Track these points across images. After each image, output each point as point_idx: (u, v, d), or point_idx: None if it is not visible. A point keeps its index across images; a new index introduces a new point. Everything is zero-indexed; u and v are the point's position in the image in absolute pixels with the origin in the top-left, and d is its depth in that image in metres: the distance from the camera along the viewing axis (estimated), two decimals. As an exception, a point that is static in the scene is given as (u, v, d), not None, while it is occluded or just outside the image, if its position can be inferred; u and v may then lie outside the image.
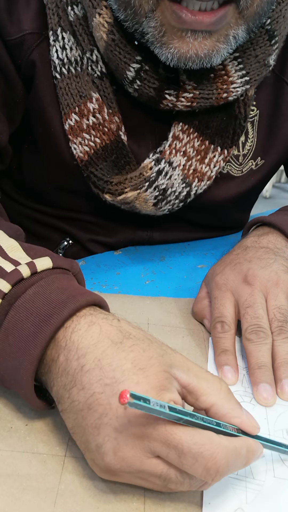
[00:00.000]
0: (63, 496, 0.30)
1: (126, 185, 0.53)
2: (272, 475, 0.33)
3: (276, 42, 0.51)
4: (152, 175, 0.52)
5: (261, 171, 0.62)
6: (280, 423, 0.37)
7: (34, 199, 0.63)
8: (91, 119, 0.52)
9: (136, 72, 0.48)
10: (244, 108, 0.54)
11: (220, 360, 0.42)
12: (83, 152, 0.53)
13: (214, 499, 0.31)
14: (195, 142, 0.53)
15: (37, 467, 0.32)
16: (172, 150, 0.53)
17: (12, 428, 0.34)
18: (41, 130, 0.56)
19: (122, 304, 0.50)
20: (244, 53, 0.50)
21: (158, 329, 0.47)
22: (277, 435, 0.35)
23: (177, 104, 0.50)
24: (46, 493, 0.30)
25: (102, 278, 0.56)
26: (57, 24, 0.50)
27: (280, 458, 0.34)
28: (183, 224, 0.65)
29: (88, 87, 0.52)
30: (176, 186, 0.54)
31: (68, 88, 0.51)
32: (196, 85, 0.49)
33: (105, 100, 0.52)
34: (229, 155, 0.56)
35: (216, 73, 0.49)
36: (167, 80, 0.49)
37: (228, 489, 0.32)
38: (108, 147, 0.53)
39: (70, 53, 0.51)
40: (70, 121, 0.52)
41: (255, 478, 0.33)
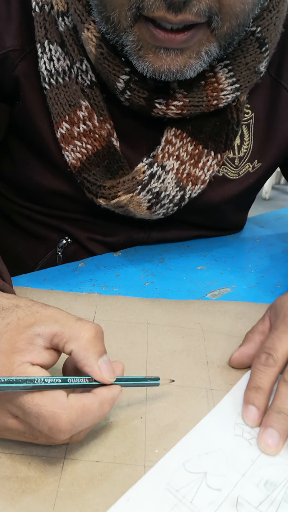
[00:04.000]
0: (62, 498, 0.30)
1: (119, 188, 0.53)
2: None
3: (267, 50, 0.52)
4: (145, 178, 0.53)
5: (258, 173, 0.62)
6: (264, 472, 0.33)
7: (32, 201, 0.63)
8: (82, 127, 0.53)
9: (126, 83, 0.49)
10: (237, 113, 0.54)
11: (249, 396, 0.37)
12: (75, 159, 0.54)
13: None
14: (188, 147, 0.54)
15: (36, 470, 0.31)
16: (165, 154, 0.54)
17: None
18: (32, 140, 0.57)
19: (121, 305, 0.50)
20: (235, 61, 0.50)
21: (157, 329, 0.46)
22: (253, 480, 0.32)
23: (168, 112, 0.50)
24: (45, 495, 0.30)
25: (101, 280, 0.56)
26: (44, 37, 0.52)
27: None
28: (180, 224, 0.65)
29: (77, 96, 0.53)
30: (169, 190, 0.54)
31: (57, 98, 0.53)
32: (187, 92, 0.50)
33: (96, 108, 0.53)
34: (223, 159, 0.56)
35: (206, 81, 0.50)
36: (156, 89, 0.50)
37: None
38: (100, 153, 0.54)
39: (57, 63, 0.52)
40: (61, 130, 0.53)
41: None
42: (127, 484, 0.31)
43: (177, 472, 0.32)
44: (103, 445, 0.34)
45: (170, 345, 0.45)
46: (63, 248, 0.64)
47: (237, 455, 0.34)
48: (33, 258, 0.66)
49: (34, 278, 0.55)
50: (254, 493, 0.31)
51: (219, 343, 0.45)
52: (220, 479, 0.32)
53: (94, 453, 0.33)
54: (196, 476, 0.32)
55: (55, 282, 0.54)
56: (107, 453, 0.33)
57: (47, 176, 0.59)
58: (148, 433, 0.35)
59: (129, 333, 0.45)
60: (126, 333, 0.45)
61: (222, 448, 0.34)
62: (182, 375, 0.41)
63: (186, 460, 0.33)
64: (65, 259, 0.65)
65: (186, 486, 0.31)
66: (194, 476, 0.32)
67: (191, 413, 0.37)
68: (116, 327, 0.46)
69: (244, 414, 0.37)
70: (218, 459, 0.33)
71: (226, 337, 0.46)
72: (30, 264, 0.66)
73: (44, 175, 0.59)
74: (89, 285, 0.54)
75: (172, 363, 0.42)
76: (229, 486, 0.31)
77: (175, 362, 0.42)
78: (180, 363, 0.42)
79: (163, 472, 0.32)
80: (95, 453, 0.33)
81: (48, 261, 0.66)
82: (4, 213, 0.68)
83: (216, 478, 0.32)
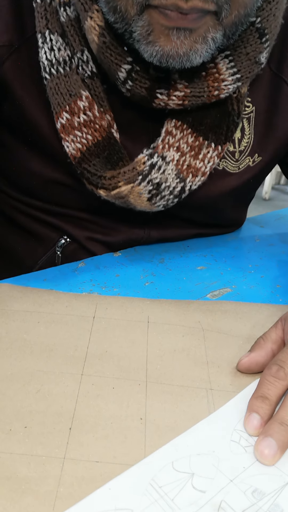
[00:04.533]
0: (62, 499, 0.30)
1: (120, 179, 0.53)
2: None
3: (267, 40, 0.52)
4: (145, 169, 0.53)
5: (258, 167, 0.62)
6: (254, 480, 0.32)
7: (30, 195, 0.63)
8: (82, 117, 0.53)
9: (128, 73, 0.49)
10: (238, 105, 0.54)
11: (253, 404, 0.36)
12: (75, 149, 0.54)
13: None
14: (188, 138, 0.54)
15: (36, 470, 0.31)
16: (165, 145, 0.54)
17: (11, 430, 0.34)
18: (29, 133, 0.57)
19: (122, 303, 0.50)
20: (235, 51, 0.51)
21: (158, 327, 0.46)
22: (241, 486, 0.32)
23: (169, 102, 0.51)
24: (45, 496, 0.30)
25: (101, 280, 0.56)
26: (45, 27, 0.52)
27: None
28: (180, 222, 0.65)
29: (77, 86, 0.53)
30: (170, 181, 0.54)
31: (58, 88, 0.53)
32: (187, 83, 0.50)
33: (96, 99, 0.53)
34: (223, 151, 0.56)
35: (207, 71, 0.50)
36: (158, 80, 0.50)
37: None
38: (100, 144, 0.54)
39: (58, 53, 0.52)
40: (61, 120, 0.53)
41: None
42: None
43: (164, 469, 0.32)
44: (103, 446, 0.34)
45: (170, 344, 0.45)
46: (62, 248, 0.64)
47: (229, 461, 0.33)
48: (33, 258, 0.66)
49: (34, 278, 0.55)
50: (239, 499, 0.30)
51: (219, 343, 0.45)
52: (207, 481, 0.31)
53: (94, 454, 0.33)
54: (182, 476, 0.32)
55: (55, 282, 0.54)
56: (107, 453, 0.33)
57: (45, 167, 0.59)
58: (148, 434, 0.35)
59: (129, 332, 0.45)
60: (127, 331, 0.45)
61: (215, 451, 0.34)
62: (182, 375, 0.41)
63: (176, 459, 0.33)
64: (64, 258, 0.65)
65: (170, 484, 0.31)
66: (180, 475, 0.32)
67: (190, 413, 0.37)
68: (116, 326, 0.46)
69: (246, 421, 0.36)
70: (209, 461, 0.33)
71: (226, 337, 0.46)
72: (30, 263, 0.66)
73: (42, 166, 0.59)
74: (89, 285, 0.54)
75: (172, 362, 0.42)
76: (214, 489, 0.31)
77: (175, 362, 0.42)
78: (180, 362, 0.42)
79: (150, 467, 0.32)
80: (95, 453, 0.33)
81: (47, 261, 0.66)
82: (3, 212, 0.68)
83: (203, 480, 0.32)
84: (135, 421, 0.36)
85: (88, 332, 0.45)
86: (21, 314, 0.47)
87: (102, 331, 0.45)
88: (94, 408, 0.37)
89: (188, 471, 0.32)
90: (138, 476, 0.31)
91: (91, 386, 0.39)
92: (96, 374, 0.40)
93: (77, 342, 0.44)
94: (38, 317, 0.47)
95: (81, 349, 0.43)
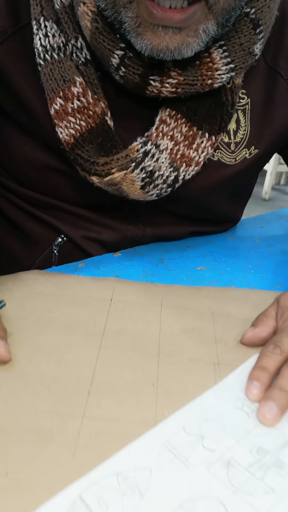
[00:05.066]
0: (81, 449, 0.33)
1: (113, 165, 0.53)
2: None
3: (261, 31, 0.52)
4: (139, 156, 0.53)
5: (254, 159, 0.63)
6: (258, 440, 0.35)
7: (24, 185, 0.63)
8: (76, 103, 0.53)
9: (121, 58, 0.50)
10: (231, 95, 0.55)
11: (254, 374, 0.40)
12: (69, 135, 0.54)
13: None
14: (182, 128, 0.55)
15: (58, 424, 0.35)
16: (159, 133, 0.54)
17: (36, 391, 0.38)
18: (23, 118, 0.58)
19: (137, 288, 0.53)
20: (229, 41, 0.51)
21: (170, 311, 0.50)
22: (246, 445, 0.35)
23: (162, 90, 0.51)
24: (66, 446, 0.33)
25: (101, 280, 0.57)
26: (39, 14, 0.53)
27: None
28: (174, 217, 0.65)
29: (71, 72, 0.53)
30: (163, 170, 0.55)
31: (52, 74, 0.53)
32: (181, 71, 0.50)
33: (90, 85, 0.54)
34: (217, 142, 0.57)
35: (201, 60, 0.51)
36: (151, 66, 0.50)
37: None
38: (94, 130, 0.54)
39: (52, 40, 0.53)
40: (55, 105, 0.54)
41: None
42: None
43: (177, 433, 0.35)
44: (118, 407, 0.37)
45: (182, 324, 0.48)
46: (58, 247, 0.65)
47: (234, 425, 0.36)
48: (30, 257, 0.67)
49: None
50: (246, 456, 0.34)
51: (227, 325, 0.48)
52: (216, 442, 0.35)
53: (110, 413, 0.36)
54: (193, 438, 0.35)
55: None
56: (122, 413, 0.37)
57: (39, 153, 0.59)
58: (159, 398, 0.38)
59: (144, 313, 0.49)
60: (141, 312, 0.49)
61: (221, 417, 0.37)
62: (192, 350, 0.44)
63: (186, 425, 0.36)
64: (61, 258, 0.65)
65: (183, 445, 0.34)
66: (191, 437, 0.35)
67: (198, 382, 0.40)
68: (132, 307, 0.50)
69: (248, 388, 0.39)
70: (216, 426, 0.36)
71: (235, 320, 0.49)
72: (27, 262, 0.67)
73: (36, 152, 0.59)
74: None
75: (183, 340, 0.46)
76: (223, 449, 0.34)
77: (186, 340, 0.46)
78: (191, 340, 0.46)
79: (163, 432, 0.35)
80: (110, 412, 0.36)
81: (44, 260, 0.66)
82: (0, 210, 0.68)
83: (212, 441, 0.35)
84: (148, 386, 0.39)
85: (106, 312, 0.49)
86: (45, 296, 0.51)
87: (119, 312, 0.49)
88: (111, 375, 0.40)
89: (198, 434, 0.35)
90: (153, 440, 0.34)
91: (108, 357, 0.42)
92: (112, 347, 0.44)
93: (96, 320, 0.47)
94: (61, 298, 0.50)
95: (100, 326, 0.46)
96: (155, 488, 0.31)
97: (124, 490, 0.30)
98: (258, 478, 0.32)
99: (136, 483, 0.31)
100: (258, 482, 0.32)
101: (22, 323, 0.46)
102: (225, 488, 0.31)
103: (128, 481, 0.31)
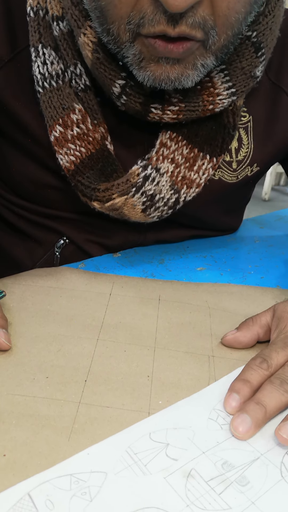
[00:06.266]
0: (76, 433, 0.35)
1: (114, 191, 0.53)
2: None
3: (263, 54, 0.52)
4: (139, 181, 0.53)
5: (254, 176, 0.63)
6: (225, 454, 0.34)
7: (27, 199, 0.64)
8: (75, 130, 0.54)
9: (122, 88, 0.50)
10: (233, 117, 0.55)
11: (235, 385, 0.38)
12: (69, 162, 0.55)
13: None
14: (183, 150, 0.54)
15: (54, 410, 0.36)
16: (160, 156, 0.54)
17: (34, 379, 0.39)
18: (26, 142, 0.58)
19: (136, 283, 0.54)
20: (231, 65, 0.51)
21: (168, 304, 0.51)
22: (212, 458, 0.34)
23: (164, 117, 0.51)
24: (62, 430, 0.35)
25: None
26: (38, 41, 0.53)
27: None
28: (175, 225, 0.66)
29: (70, 99, 0.53)
30: (164, 193, 0.54)
31: (51, 101, 0.53)
32: (182, 97, 0.50)
33: (89, 111, 0.54)
34: (218, 163, 0.57)
35: (202, 85, 0.51)
36: (152, 94, 0.50)
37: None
38: (94, 156, 0.55)
39: (51, 67, 0.53)
40: (55, 133, 0.54)
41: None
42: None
43: (141, 439, 0.34)
44: (114, 395, 0.38)
45: (178, 318, 0.49)
46: (61, 249, 0.65)
47: (204, 435, 0.35)
48: (32, 259, 0.67)
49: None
50: (209, 469, 0.33)
51: (223, 319, 0.50)
52: (180, 451, 0.34)
53: (106, 401, 0.38)
54: (157, 445, 0.34)
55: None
56: (117, 401, 0.38)
57: (40, 173, 0.60)
58: (153, 388, 0.39)
59: (141, 307, 0.50)
60: (139, 306, 0.50)
61: (192, 427, 0.36)
62: (188, 343, 0.45)
63: (153, 431, 0.35)
64: (63, 259, 0.66)
65: (145, 451, 0.33)
66: (156, 444, 0.34)
67: (192, 374, 0.41)
68: (130, 302, 0.51)
69: (226, 400, 0.38)
70: (185, 435, 0.35)
71: (231, 315, 0.51)
72: (29, 264, 0.67)
73: (38, 172, 0.60)
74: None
75: (179, 333, 0.47)
76: (186, 459, 0.33)
77: (182, 333, 0.47)
78: (186, 333, 0.47)
79: (128, 437, 0.35)
80: (106, 400, 0.38)
81: (45, 262, 0.66)
82: (1, 216, 0.68)
83: (176, 450, 0.34)
84: (143, 378, 0.40)
85: (105, 306, 0.50)
86: (45, 289, 0.52)
87: (117, 306, 0.50)
88: (107, 366, 0.41)
89: (164, 441, 0.35)
90: (116, 444, 0.34)
91: (105, 348, 0.44)
92: (110, 339, 0.45)
93: (95, 313, 0.49)
94: (60, 292, 0.52)
95: (98, 319, 0.48)
96: (107, 493, 0.30)
97: (74, 492, 0.30)
98: (217, 493, 0.31)
99: (88, 486, 0.31)
100: (216, 497, 0.31)
101: (23, 315, 0.47)
102: (179, 500, 0.30)
103: (80, 483, 0.31)
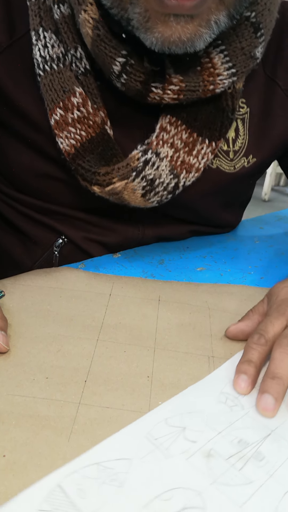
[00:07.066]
0: (76, 434, 0.35)
1: (114, 175, 0.54)
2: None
3: (262, 35, 0.52)
4: (139, 165, 0.53)
5: (252, 168, 0.64)
6: (239, 432, 0.36)
7: (23, 192, 0.64)
8: (76, 113, 0.54)
9: (122, 66, 0.49)
10: (232, 100, 0.55)
11: (240, 367, 0.41)
12: (69, 146, 0.55)
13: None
14: (183, 134, 0.55)
15: (54, 411, 0.36)
16: (159, 141, 0.54)
17: (35, 379, 0.39)
18: (24, 127, 0.58)
19: (136, 283, 0.54)
20: (230, 46, 0.51)
21: (168, 305, 0.51)
22: (227, 437, 0.35)
23: (164, 96, 0.51)
24: (61, 431, 0.35)
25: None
26: (38, 24, 0.53)
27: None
28: (173, 220, 0.66)
29: (71, 82, 0.53)
30: (164, 177, 0.55)
31: (52, 84, 0.53)
32: (182, 77, 0.50)
33: (89, 95, 0.54)
34: (217, 148, 0.57)
35: (202, 66, 0.50)
36: (153, 73, 0.50)
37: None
38: (94, 140, 0.55)
39: (51, 50, 0.53)
40: (55, 116, 0.54)
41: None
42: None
43: (158, 425, 0.36)
44: (113, 396, 0.38)
45: (178, 319, 0.49)
46: (59, 248, 0.65)
47: (217, 417, 0.37)
48: (30, 259, 0.67)
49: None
50: (226, 448, 0.34)
51: (223, 320, 0.50)
52: (197, 433, 0.35)
53: (105, 401, 0.38)
54: (175, 429, 0.35)
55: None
56: (117, 401, 0.38)
57: (36, 161, 0.59)
58: (153, 388, 0.39)
59: (141, 307, 0.50)
60: (139, 307, 0.50)
61: (204, 410, 0.37)
62: (187, 344, 0.45)
63: (169, 417, 0.36)
64: (62, 259, 0.66)
65: (164, 436, 0.35)
66: (173, 429, 0.35)
67: (192, 374, 0.41)
68: (130, 302, 0.51)
69: (235, 382, 0.40)
70: (199, 418, 0.37)
71: (231, 315, 0.50)
72: (28, 264, 0.67)
73: (34, 161, 0.60)
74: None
75: (179, 334, 0.47)
76: (204, 440, 0.35)
77: (182, 333, 0.47)
78: (186, 334, 0.47)
79: (145, 424, 0.36)
80: (106, 401, 0.38)
81: (45, 262, 0.67)
82: (0, 213, 0.68)
83: (193, 432, 0.35)
84: (143, 378, 0.40)
85: (105, 306, 0.50)
86: (45, 290, 0.52)
87: (117, 306, 0.50)
88: (107, 366, 0.41)
89: (180, 426, 0.36)
90: (135, 432, 0.35)
91: (105, 349, 0.43)
92: (110, 340, 0.45)
93: (95, 314, 0.49)
94: (60, 292, 0.52)
95: (98, 320, 0.48)
96: (134, 478, 0.31)
97: (103, 480, 0.31)
98: (237, 469, 0.33)
99: (115, 473, 0.32)
100: (237, 473, 0.33)
101: (23, 315, 0.47)
102: (203, 478, 0.32)
103: (108, 471, 0.32)
